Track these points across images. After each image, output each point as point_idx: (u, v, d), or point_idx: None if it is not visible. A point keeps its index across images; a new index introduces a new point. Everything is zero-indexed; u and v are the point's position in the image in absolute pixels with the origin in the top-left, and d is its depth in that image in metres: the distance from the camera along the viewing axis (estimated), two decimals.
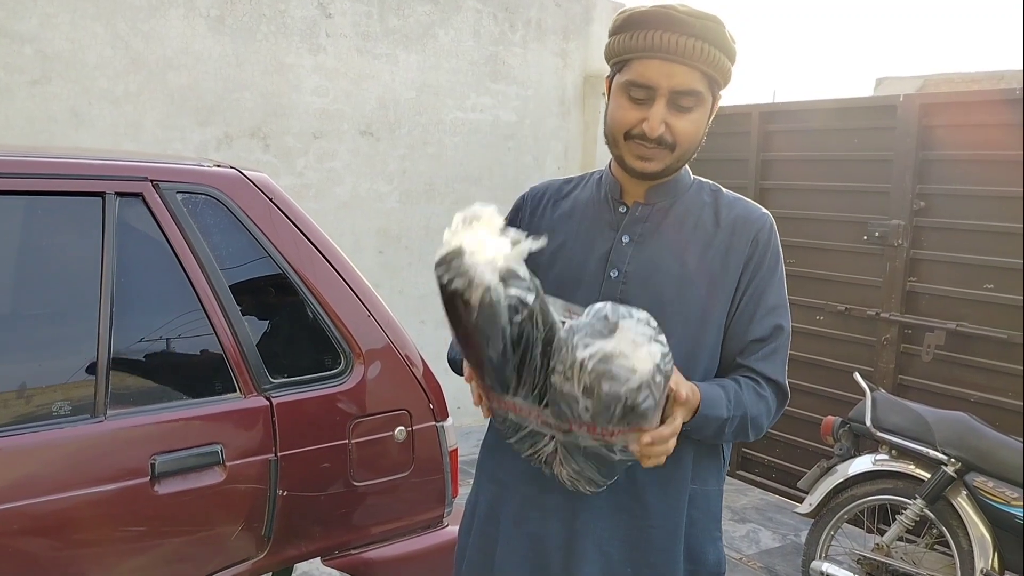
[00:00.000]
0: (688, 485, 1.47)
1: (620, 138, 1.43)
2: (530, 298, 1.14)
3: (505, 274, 1.11)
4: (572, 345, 1.14)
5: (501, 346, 1.15)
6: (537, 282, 1.18)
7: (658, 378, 1.14)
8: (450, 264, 1.10)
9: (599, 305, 1.19)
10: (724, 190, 1.55)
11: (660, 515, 1.45)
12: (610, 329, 1.14)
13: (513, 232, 1.15)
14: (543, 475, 1.39)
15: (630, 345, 1.12)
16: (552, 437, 1.30)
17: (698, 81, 1.37)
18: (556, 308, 1.24)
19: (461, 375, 1.55)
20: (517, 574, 1.50)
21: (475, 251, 1.10)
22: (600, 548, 1.45)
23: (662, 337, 1.17)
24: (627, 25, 1.40)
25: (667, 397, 1.24)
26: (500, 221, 1.15)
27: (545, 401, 1.21)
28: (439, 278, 1.12)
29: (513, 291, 1.12)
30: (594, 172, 1.60)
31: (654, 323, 1.18)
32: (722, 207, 1.50)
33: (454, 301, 1.12)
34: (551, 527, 1.47)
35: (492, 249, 1.11)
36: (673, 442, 1.27)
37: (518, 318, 1.13)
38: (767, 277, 1.47)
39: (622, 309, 1.17)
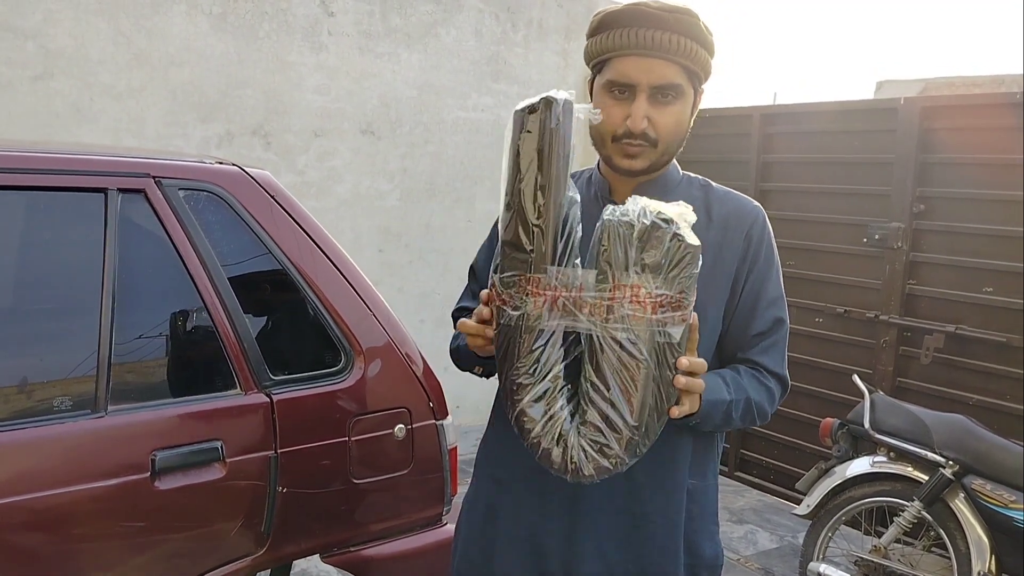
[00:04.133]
0: (686, 480, 1.48)
1: (608, 139, 1.43)
2: (574, 189, 1.31)
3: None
4: (617, 206, 1.25)
5: (566, 172, 1.27)
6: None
7: (695, 235, 1.22)
8: (530, 98, 1.28)
9: None
10: (714, 184, 1.55)
11: (659, 511, 1.45)
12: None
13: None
14: (543, 474, 1.36)
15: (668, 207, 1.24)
16: (571, 399, 1.27)
17: (677, 75, 1.38)
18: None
19: (464, 369, 1.55)
20: (516, 573, 1.50)
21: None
22: (599, 547, 1.45)
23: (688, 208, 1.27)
24: (603, 26, 1.42)
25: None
26: (572, 96, 1.30)
27: (587, 263, 1.26)
28: (518, 111, 1.28)
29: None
30: (584, 170, 1.60)
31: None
32: (713, 202, 1.50)
33: (537, 114, 1.26)
34: (550, 527, 1.47)
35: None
36: (702, 383, 1.28)
37: (570, 193, 1.28)
38: (764, 271, 1.48)
39: None
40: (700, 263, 1.22)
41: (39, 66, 3.82)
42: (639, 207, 1.21)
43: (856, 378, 3.38)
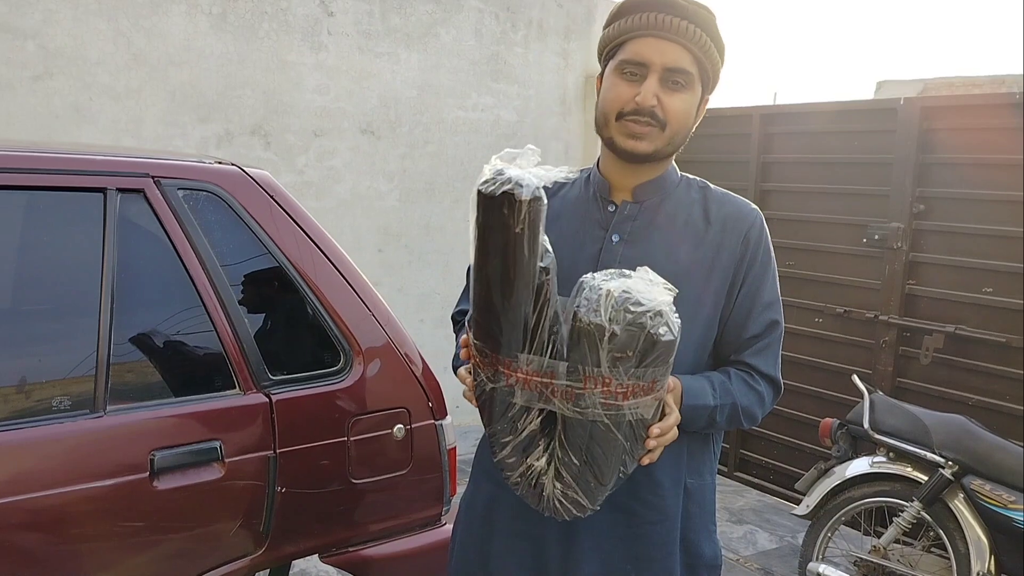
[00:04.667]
0: (684, 479, 1.49)
1: (612, 118, 1.43)
2: (549, 257, 1.22)
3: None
4: (594, 285, 1.19)
5: (533, 268, 1.19)
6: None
7: (673, 317, 1.18)
8: (496, 179, 1.17)
9: (604, 271, 1.24)
10: (712, 186, 1.56)
11: (657, 510, 1.46)
12: (623, 276, 1.21)
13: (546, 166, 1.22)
14: None
15: (646, 284, 1.19)
16: (547, 448, 1.29)
17: (689, 63, 1.40)
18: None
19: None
20: (515, 573, 1.50)
21: (519, 169, 1.19)
22: (598, 546, 1.45)
23: (669, 286, 1.22)
24: (622, 11, 1.44)
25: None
26: (536, 157, 1.21)
27: (558, 355, 1.22)
28: (483, 193, 1.17)
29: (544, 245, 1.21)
30: (583, 170, 1.60)
31: (659, 277, 1.23)
32: (711, 204, 1.51)
33: (499, 209, 1.16)
34: (549, 526, 1.47)
35: (533, 172, 1.19)
36: (674, 433, 1.30)
37: (542, 264, 1.21)
38: (760, 274, 1.49)
39: (626, 270, 1.23)
40: (675, 352, 1.20)
41: (38, 66, 3.82)
42: (612, 300, 1.16)
43: (856, 378, 3.38)
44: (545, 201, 1.19)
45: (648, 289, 1.17)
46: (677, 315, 1.19)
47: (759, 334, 1.48)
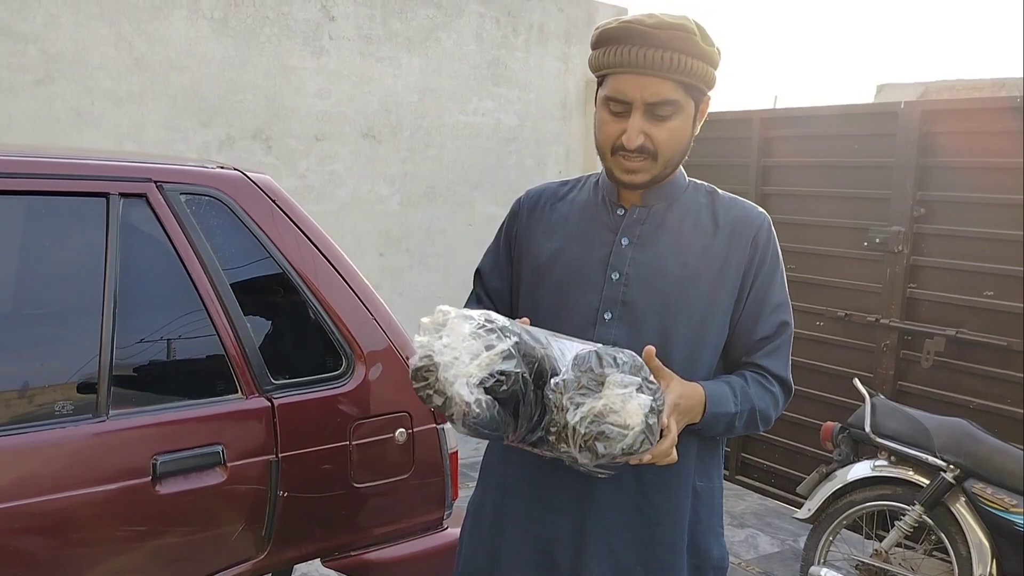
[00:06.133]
0: (692, 481, 1.50)
1: (607, 153, 1.46)
2: (511, 366, 1.14)
3: (483, 378, 1.13)
4: (563, 407, 1.15)
5: (491, 427, 1.20)
6: (516, 327, 1.21)
7: (651, 421, 1.16)
8: (427, 381, 1.15)
9: (583, 354, 1.20)
10: (719, 191, 1.57)
11: (667, 511, 1.47)
12: (597, 382, 1.14)
13: (485, 329, 1.16)
14: (551, 475, 1.41)
15: (619, 400, 1.13)
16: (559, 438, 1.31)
17: (672, 91, 1.39)
18: (539, 338, 1.25)
19: None
20: (526, 575, 1.51)
21: (449, 364, 1.12)
22: (609, 547, 1.46)
23: (651, 377, 1.19)
24: (600, 41, 1.44)
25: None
26: (468, 325, 1.15)
27: (543, 426, 1.24)
28: (417, 392, 1.19)
29: (498, 369, 1.14)
30: (590, 175, 1.62)
31: (639, 361, 1.19)
32: (719, 208, 1.52)
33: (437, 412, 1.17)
34: (560, 527, 1.48)
35: (465, 360, 1.12)
36: (673, 451, 1.30)
37: (504, 388, 1.16)
38: (769, 277, 1.50)
39: (607, 356, 1.17)
40: (646, 439, 1.18)
41: (40, 70, 3.83)
42: (579, 439, 1.15)
43: (857, 382, 3.38)
44: (483, 405, 1.15)
45: (621, 408, 1.13)
46: (659, 398, 1.18)
47: (769, 335, 1.49)
